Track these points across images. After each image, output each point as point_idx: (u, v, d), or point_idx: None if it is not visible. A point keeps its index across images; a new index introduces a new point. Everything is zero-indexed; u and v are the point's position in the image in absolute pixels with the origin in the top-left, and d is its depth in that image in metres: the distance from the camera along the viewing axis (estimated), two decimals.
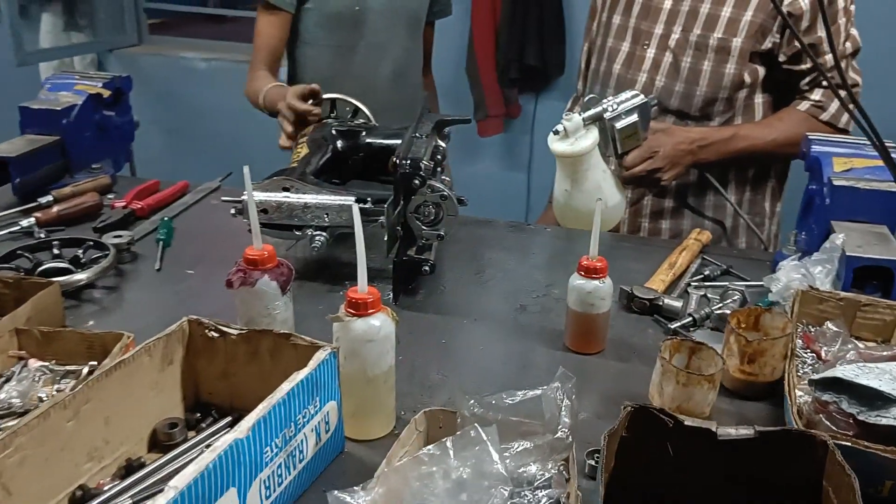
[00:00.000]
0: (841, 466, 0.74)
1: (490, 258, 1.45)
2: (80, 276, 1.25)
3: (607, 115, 1.41)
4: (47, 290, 1.13)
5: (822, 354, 1.09)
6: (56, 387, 1.00)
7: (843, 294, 1.15)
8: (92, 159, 1.72)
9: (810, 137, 1.42)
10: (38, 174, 1.59)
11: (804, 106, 1.61)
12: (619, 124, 1.42)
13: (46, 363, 1.05)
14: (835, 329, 1.10)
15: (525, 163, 3.52)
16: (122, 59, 3.97)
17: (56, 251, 1.34)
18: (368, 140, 1.49)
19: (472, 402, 0.80)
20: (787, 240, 1.39)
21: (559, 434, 0.76)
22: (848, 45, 1.59)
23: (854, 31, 1.60)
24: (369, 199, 1.31)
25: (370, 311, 0.88)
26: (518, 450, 0.75)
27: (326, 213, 1.29)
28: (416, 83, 2.05)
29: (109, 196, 1.64)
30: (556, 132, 1.38)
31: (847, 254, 1.18)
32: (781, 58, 1.59)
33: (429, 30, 2.09)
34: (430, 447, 0.71)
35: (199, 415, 0.94)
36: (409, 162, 1.22)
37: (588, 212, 1.40)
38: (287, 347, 0.89)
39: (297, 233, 1.31)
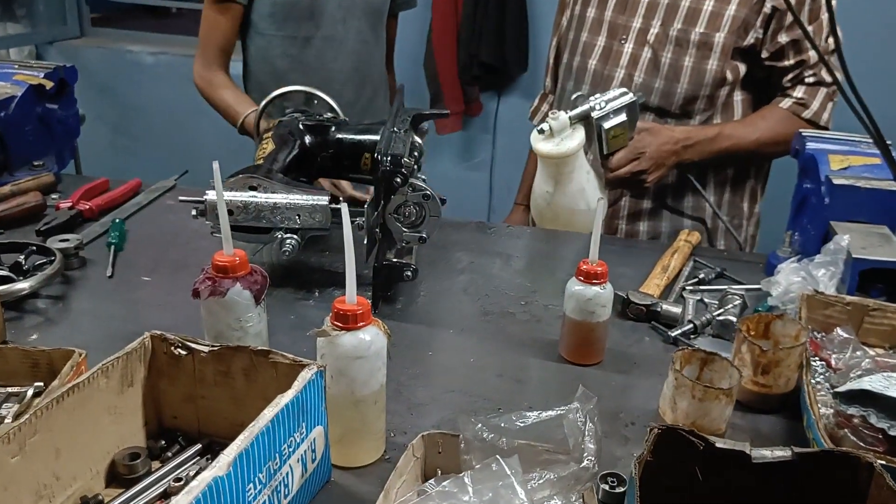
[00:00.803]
0: (891, 490, 0.67)
1: (469, 262, 1.36)
2: (23, 286, 1.12)
3: (595, 114, 1.34)
4: None
5: (833, 362, 1.03)
6: None
7: (849, 298, 1.10)
8: (33, 156, 1.58)
9: (803, 134, 1.38)
10: None
11: (786, 103, 1.57)
12: (607, 124, 1.35)
13: None
14: (844, 335, 1.04)
15: (487, 162, 3.44)
16: (63, 52, 3.76)
17: None
18: (339, 135, 1.39)
19: (479, 426, 0.71)
20: (783, 241, 1.33)
21: (585, 463, 0.67)
22: (831, 40, 1.55)
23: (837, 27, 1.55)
24: (341, 197, 1.21)
25: (360, 324, 0.79)
26: (539, 482, 0.66)
27: (298, 215, 1.18)
28: (376, 78, 1.95)
29: (53, 196, 1.50)
30: (542, 131, 1.30)
31: (853, 256, 1.12)
32: (764, 54, 1.54)
33: (392, 22, 2.00)
34: (445, 483, 0.61)
35: (163, 442, 0.83)
36: (389, 158, 1.12)
37: (570, 214, 1.34)
38: (265, 366, 0.79)
39: (264, 236, 1.21)
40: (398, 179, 1.13)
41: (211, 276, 0.89)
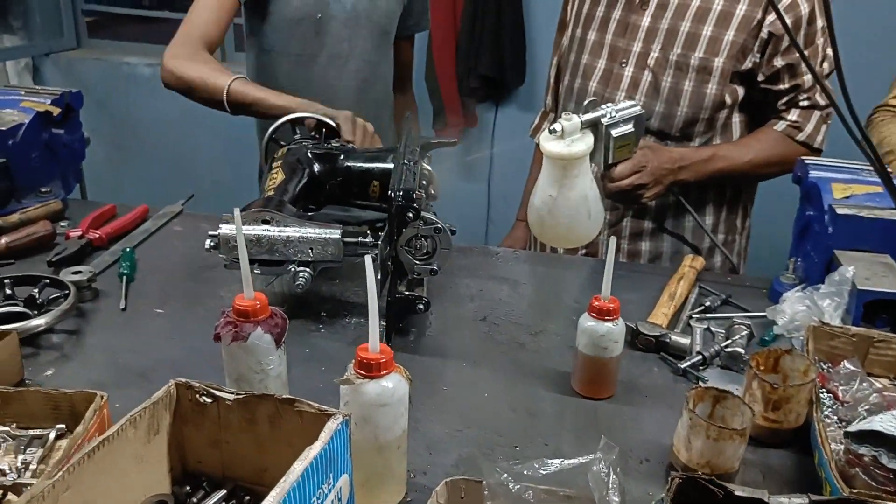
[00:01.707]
0: None
1: (476, 290, 1.37)
2: (39, 322, 1.13)
3: (605, 121, 1.34)
4: (4, 342, 1.02)
5: (840, 395, 1.05)
6: (21, 457, 0.89)
7: (854, 329, 1.12)
8: (40, 182, 1.59)
9: (805, 161, 1.40)
10: None
11: (781, 126, 1.59)
12: (615, 132, 1.35)
13: (6, 427, 0.94)
14: (851, 368, 1.06)
15: (485, 174, 3.46)
16: (59, 64, 3.77)
17: (8, 290, 1.22)
18: (347, 163, 1.40)
19: (504, 475, 0.73)
20: (786, 267, 1.35)
21: None
22: (825, 65, 1.57)
23: (829, 51, 1.58)
24: (351, 229, 1.23)
25: (383, 372, 0.80)
26: None
27: (311, 248, 1.20)
28: (381, 99, 1.95)
29: (62, 224, 1.51)
30: (553, 131, 1.28)
31: (858, 287, 1.14)
32: (760, 77, 1.56)
33: (406, 46, 2.00)
34: None
35: (188, 488, 0.84)
36: (402, 193, 1.13)
37: (571, 221, 1.33)
38: (290, 414, 0.80)
39: (276, 268, 1.22)
40: (410, 214, 1.14)
41: (232, 320, 0.90)
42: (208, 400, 0.82)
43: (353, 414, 0.80)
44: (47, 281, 1.24)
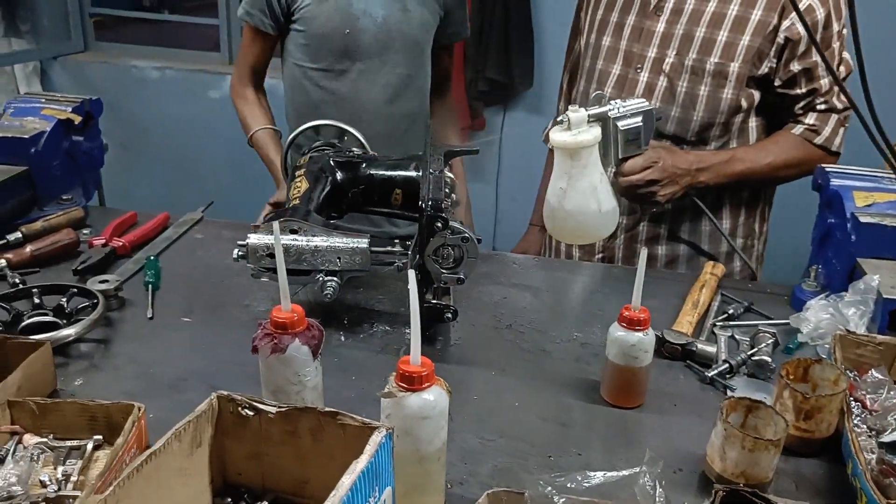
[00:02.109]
0: None
1: (499, 297, 1.38)
2: (69, 332, 1.14)
3: (612, 115, 1.35)
4: (38, 353, 1.02)
5: (868, 403, 1.05)
6: (62, 468, 0.90)
7: (881, 338, 1.12)
8: (61, 190, 1.59)
9: (826, 169, 1.40)
10: (5, 208, 1.46)
11: (798, 129, 1.60)
12: (622, 125, 1.36)
13: (44, 438, 0.94)
14: (879, 376, 1.07)
15: (493, 176, 3.47)
16: (67, 67, 3.77)
17: (36, 299, 1.22)
18: (369, 171, 1.40)
19: (549, 488, 0.73)
20: (808, 274, 1.36)
21: None
22: (842, 69, 1.58)
23: (846, 55, 1.59)
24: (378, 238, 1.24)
25: (425, 385, 0.81)
26: None
27: (339, 257, 1.20)
28: (415, 111, 1.90)
29: (85, 232, 1.51)
30: (560, 122, 1.31)
31: (884, 296, 1.15)
32: (777, 82, 1.57)
33: (444, 54, 1.97)
34: None
35: (229, 500, 0.85)
36: (431, 203, 1.14)
37: (581, 213, 1.34)
38: (333, 427, 0.81)
39: (303, 277, 1.22)
40: (439, 224, 1.15)
41: (270, 332, 0.91)
42: (251, 413, 0.83)
43: (395, 426, 0.80)
44: (75, 290, 1.24)
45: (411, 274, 0.79)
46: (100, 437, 0.95)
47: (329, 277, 1.20)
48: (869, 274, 1.19)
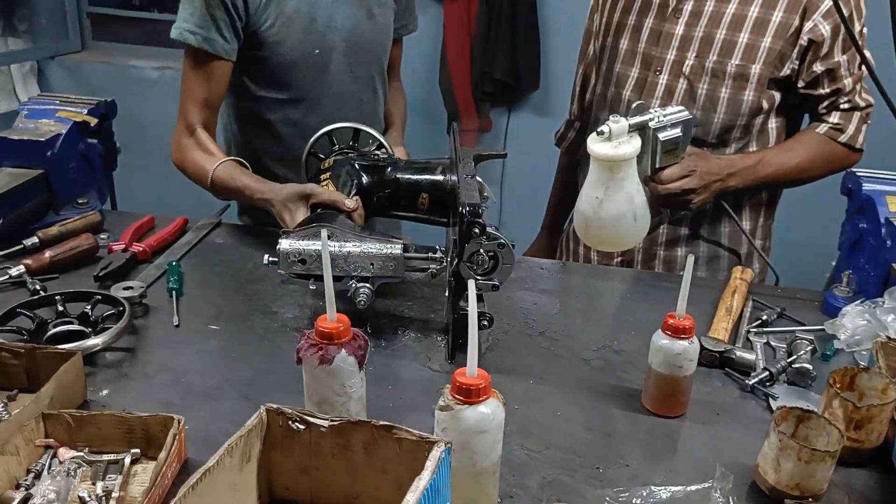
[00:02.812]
0: None
1: (530, 303, 1.36)
2: (97, 341, 1.11)
3: (653, 125, 1.32)
4: (69, 364, 1.00)
5: None
6: (101, 484, 0.87)
7: None
8: (77, 193, 1.57)
9: (857, 174, 1.39)
10: (22, 212, 1.43)
11: (823, 129, 1.59)
12: (662, 135, 1.34)
13: (79, 452, 0.91)
14: None
15: (497, 178, 3.45)
16: (64, 67, 3.72)
17: (60, 307, 1.19)
18: (396, 175, 1.38)
19: None
20: (840, 280, 1.35)
21: None
22: (863, 68, 1.57)
23: (867, 53, 1.57)
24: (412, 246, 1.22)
25: (482, 397, 0.79)
26: None
27: (372, 263, 1.18)
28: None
29: (102, 236, 1.48)
30: (600, 133, 1.28)
31: None
32: (800, 84, 1.56)
33: (395, 48, 1.84)
34: None
35: None
36: (468, 209, 1.12)
37: (616, 223, 1.31)
38: (387, 441, 0.78)
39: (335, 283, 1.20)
40: (476, 230, 1.13)
41: (316, 342, 0.88)
42: (301, 427, 0.81)
43: (453, 440, 0.78)
44: (99, 297, 1.22)
45: (471, 284, 0.77)
46: (137, 450, 0.92)
47: (362, 284, 1.18)
48: None
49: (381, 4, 1.68)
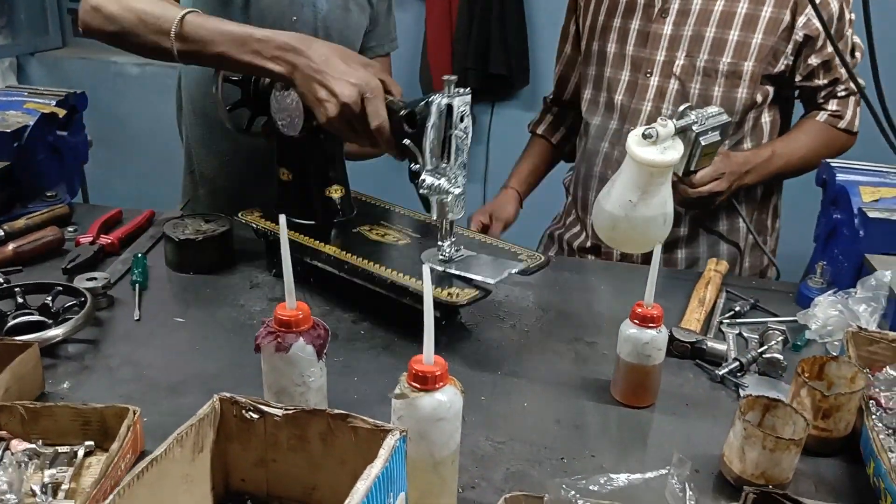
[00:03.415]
0: None
1: (502, 295, 1.34)
2: (56, 332, 1.09)
3: (696, 129, 1.26)
4: (26, 354, 0.98)
5: (883, 401, 1.03)
6: (49, 473, 0.85)
7: (893, 334, 1.11)
8: (45, 185, 1.54)
9: (831, 164, 1.39)
10: None
11: (822, 116, 1.59)
12: (704, 140, 1.28)
13: (32, 444, 0.89)
14: (893, 374, 1.04)
15: (480, 174, 3.44)
16: (44, 63, 3.69)
17: (20, 299, 1.17)
18: None
19: (573, 492, 0.70)
20: (815, 271, 1.34)
21: None
22: (857, 54, 1.57)
23: (857, 39, 1.57)
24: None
25: (438, 385, 0.77)
26: None
27: None
28: None
29: (70, 229, 1.46)
30: (647, 136, 1.19)
31: None
32: (797, 78, 1.55)
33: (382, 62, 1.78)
34: None
35: None
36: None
37: (647, 226, 1.25)
38: (343, 430, 0.77)
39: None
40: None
41: (274, 330, 0.87)
42: (255, 416, 0.79)
43: (409, 429, 0.76)
44: (61, 288, 1.19)
45: (426, 269, 0.76)
46: (91, 442, 0.90)
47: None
48: (879, 270, 1.17)
49: (358, 4, 1.65)
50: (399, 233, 1.34)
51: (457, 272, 1.16)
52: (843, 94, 1.56)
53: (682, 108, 1.26)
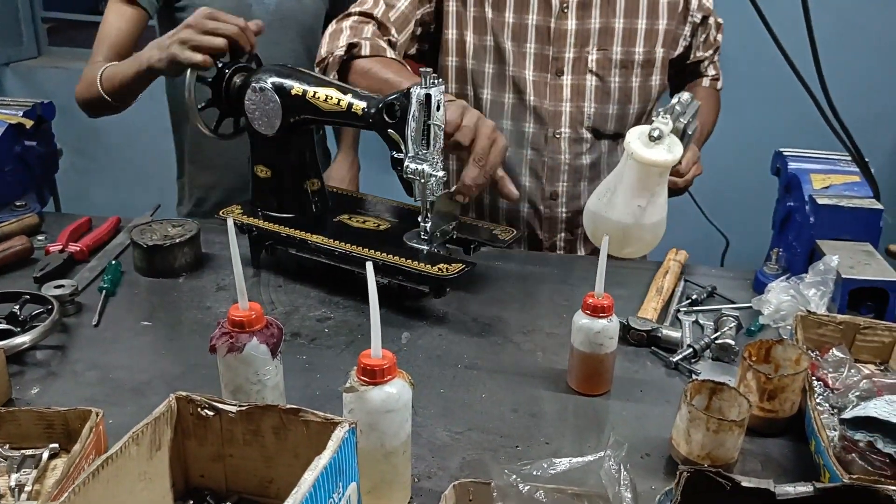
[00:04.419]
0: None
1: (457, 286, 1.36)
2: (23, 339, 1.11)
3: (684, 120, 1.21)
4: None
5: (830, 382, 1.06)
6: (15, 476, 0.87)
7: (841, 317, 1.14)
8: (14, 196, 1.55)
9: (784, 154, 1.42)
10: None
11: (706, 82, 1.69)
12: (691, 129, 1.25)
13: None
14: (840, 355, 1.08)
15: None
16: (19, 73, 3.69)
17: None
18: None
19: (514, 477, 0.73)
20: (770, 258, 1.37)
21: None
22: (720, 35, 1.66)
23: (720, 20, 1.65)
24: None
25: (387, 378, 0.80)
26: None
27: None
28: None
29: (39, 238, 1.48)
30: (655, 137, 1.15)
31: (843, 276, 1.17)
32: (692, 56, 1.64)
33: None
34: None
35: (192, 502, 0.83)
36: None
37: (655, 231, 1.24)
38: (295, 424, 0.79)
39: None
40: None
41: (227, 331, 0.89)
42: (210, 413, 0.81)
43: (359, 421, 0.79)
44: (28, 297, 1.21)
45: (369, 266, 0.78)
46: (56, 445, 0.92)
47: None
48: (828, 255, 1.20)
49: None
50: (378, 219, 1.41)
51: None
52: (716, 58, 1.66)
53: (678, 98, 1.22)
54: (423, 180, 1.21)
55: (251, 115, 1.33)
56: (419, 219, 1.29)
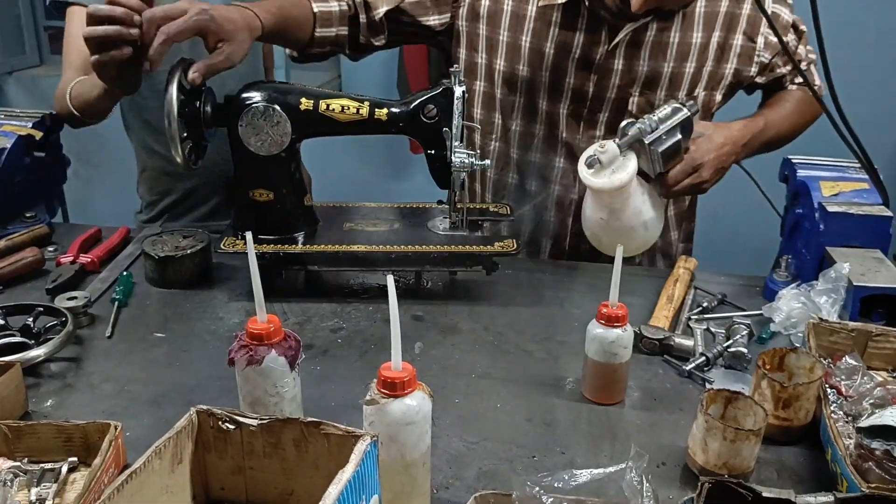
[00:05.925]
0: None
1: (469, 296, 1.37)
2: (38, 353, 1.11)
3: (647, 139, 1.24)
4: (8, 375, 1.00)
5: (843, 389, 1.07)
6: (35, 490, 0.88)
7: (853, 325, 1.14)
8: (24, 207, 1.56)
9: (792, 161, 1.43)
10: None
11: (793, 87, 1.57)
12: (661, 148, 1.25)
13: (17, 462, 0.92)
14: (852, 362, 1.08)
15: None
16: (21, 82, 3.69)
17: (1, 321, 1.19)
18: None
19: (537, 489, 0.73)
20: (780, 265, 1.38)
21: None
22: (812, 56, 1.57)
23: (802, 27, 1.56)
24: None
25: (407, 390, 0.80)
26: None
27: None
28: None
29: (50, 249, 1.48)
30: (591, 165, 1.21)
31: (854, 284, 1.17)
32: (762, 79, 1.54)
33: None
34: None
35: None
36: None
37: (628, 238, 1.29)
38: (316, 437, 0.80)
39: None
40: None
41: (246, 343, 0.89)
42: (231, 426, 0.81)
43: (379, 433, 0.79)
44: (41, 309, 1.21)
45: (390, 279, 0.78)
46: (75, 458, 0.93)
47: None
48: (839, 262, 1.21)
49: None
50: (382, 221, 1.43)
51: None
52: (804, 66, 1.54)
53: (623, 124, 1.24)
54: (464, 172, 1.30)
55: (247, 140, 1.26)
56: (450, 207, 1.38)
